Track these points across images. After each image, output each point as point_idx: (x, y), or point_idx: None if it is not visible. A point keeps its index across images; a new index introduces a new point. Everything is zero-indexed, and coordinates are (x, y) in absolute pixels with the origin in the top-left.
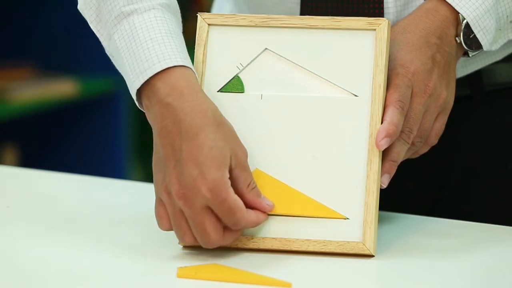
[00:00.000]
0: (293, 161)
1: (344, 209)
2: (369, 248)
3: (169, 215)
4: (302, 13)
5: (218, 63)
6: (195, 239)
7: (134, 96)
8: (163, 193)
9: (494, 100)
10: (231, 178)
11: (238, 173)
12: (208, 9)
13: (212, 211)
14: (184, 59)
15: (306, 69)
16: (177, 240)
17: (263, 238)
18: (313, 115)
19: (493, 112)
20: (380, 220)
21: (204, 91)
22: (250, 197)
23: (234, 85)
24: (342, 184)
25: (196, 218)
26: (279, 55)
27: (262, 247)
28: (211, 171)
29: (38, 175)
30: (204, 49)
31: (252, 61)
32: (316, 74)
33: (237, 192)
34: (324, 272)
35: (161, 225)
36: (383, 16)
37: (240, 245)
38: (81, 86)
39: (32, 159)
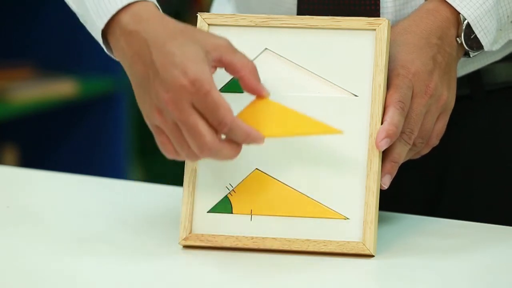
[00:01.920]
0: (293, 161)
1: (344, 209)
2: (369, 248)
3: (168, 135)
4: (299, 7)
5: None
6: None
7: (100, 41)
8: (155, 116)
9: (494, 99)
10: (227, 66)
11: (229, 58)
12: (208, 9)
13: (201, 115)
14: None
15: (306, 69)
16: (177, 240)
17: (263, 238)
18: (313, 115)
19: (493, 112)
20: (380, 220)
21: None
22: (249, 77)
23: (233, 86)
24: (342, 184)
25: (188, 120)
26: (279, 55)
27: (262, 247)
28: (190, 65)
29: (38, 175)
30: None
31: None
32: (316, 74)
33: (239, 75)
34: (324, 272)
35: (166, 152)
36: (379, 15)
37: (240, 245)
38: (81, 86)
39: (32, 159)
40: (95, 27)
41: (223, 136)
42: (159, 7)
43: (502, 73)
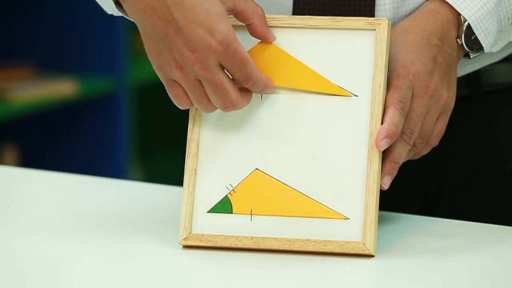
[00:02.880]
0: (293, 161)
1: (344, 209)
2: (369, 248)
3: (186, 91)
4: (295, 6)
5: None
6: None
7: (114, 5)
8: (175, 71)
9: (493, 100)
10: (238, 13)
11: (240, 6)
12: None
13: (225, 71)
14: None
15: (306, 65)
16: (177, 240)
17: (263, 238)
18: (313, 115)
19: (491, 112)
20: (380, 220)
21: None
22: (259, 23)
23: None
24: (342, 184)
25: (214, 78)
26: (279, 48)
27: (262, 247)
28: (215, 24)
29: (38, 175)
30: None
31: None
32: (316, 73)
33: (249, 21)
34: (324, 272)
35: (180, 104)
36: (374, 14)
37: (240, 245)
38: (81, 86)
39: (32, 159)
40: None
41: None
42: None
43: (501, 74)
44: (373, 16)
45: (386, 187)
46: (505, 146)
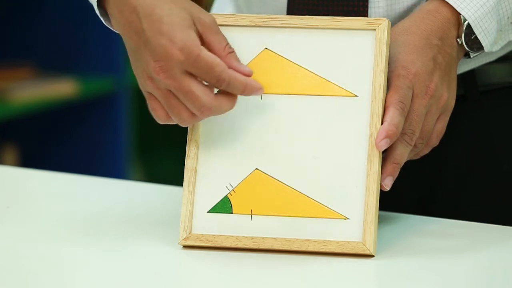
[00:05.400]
0: (293, 161)
1: (344, 209)
2: (369, 248)
3: (161, 104)
4: (289, 5)
5: None
6: (192, 113)
7: (98, 12)
8: (147, 82)
9: (488, 100)
10: (206, 44)
11: (209, 37)
12: (208, 10)
13: (195, 76)
14: None
15: (306, 69)
16: (177, 240)
17: (263, 238)
18: (313, 115)
19: (487, 112)
20: (380, 220)
21: None
22: (225, 60)
23: None
24: (342, 184)
25: (181, 86)
26: (279, 55)
27: (262, 247)
28: (176, 33)
29: (38, 175)
30: None
31: (251, 60)
32: (316, 74)
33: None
34: (324, 272)
35: (157, 117)
36: (367, 11)
37: (240, 245)
38: (81, 86)
39: (32, 159)
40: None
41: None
42: None
43: (496, 73)
44: (367, 14)
45: (387, 188)
46: (501, 146)
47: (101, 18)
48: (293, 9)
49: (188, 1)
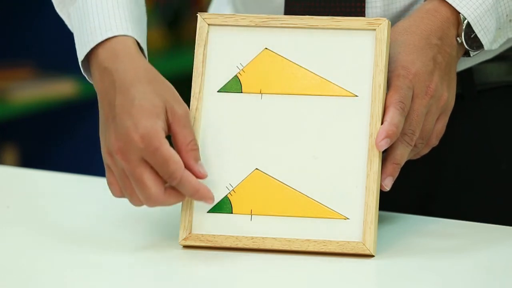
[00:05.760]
0: (293, 161)
1: (344, 209)
2: (369, 248)
3: (117, 179)
4: (287, 6)
5: (218, 63)
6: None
7: (82, 69)
8: (107, 156)
9: (485, 99)
10: (172, 135)
11: (176, 129)
12: (205, 10)
13: (151, 166)
14: (126, 29)
15: (306, 69)
16: (177, 240)
17: (263, 238)
18: (313, 115)
19: (484, 111)
20: (380, 220)
21: (204, 91)
22: (185, 156)
23: (232, 85)
24: (342, 184)
25: (135, 171)
26: (279, 55)
27: (262, 247)
28: (143, 120)
29: (38, 175)
30: (204, 49)
31: (251, 61)
32: (316, 74)
33: (177, 150)
34: (324, 272)
35: (113, 192)
36: (364, 12)
37: (240, 245)
38: (81, 86)
39: (32, 159)
40: (78, 55)
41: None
42: (140, 41)
43: (493, 72)
44: (364, 15)
45: (388, 188)
46: (499, 145)
47: (83, 72)
48: (290, 9)
49: (167, 86)
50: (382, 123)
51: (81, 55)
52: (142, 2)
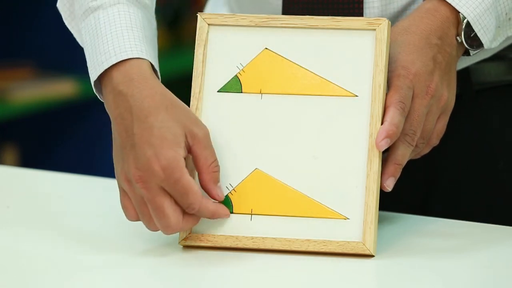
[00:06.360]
0: (293, 161)
1: (344, 209)
2: (369, 248)
3: (133, 204)
4: (284, 6)
5: (218, 63)
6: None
7: (94, 88)
8: (124, 182)
9: (483, 99)
10: (193, 156)
11: (197, 151)
12: (201, 10)
13: (170, 195)
14: (140, 51)
15: (306, 69)
16: (177, 240)
17: (263, 238)
18: (313, 115)
19: (482, 111)
20: (380, 220)
21: (204, 91)
22: (206, 178)
23: (232, 85)
24: (342, 184)
25: (154, 200)
26: (279, 55)
27: (262, 247)
28: (164, 150)
29: (38, 175)
30: (204, 49)
31: (251, 61)
32: (316, 74)
33: (198, 170)
34: (324, 272)
35: (128, 216)
36: (362, 12)
37: (240, 245)
38: (81, 86)
39: (32, 159)
40: (90, 75)
41: None
42: (153, 63)
43: (491, 72)
44: (362, 15)
45: (389, 188)
46: (497, 144)
47: (95, 91)
48: (288, 10)
49: (184, 110)
50: (382, 123)
51: (93, 75)
52: (154, 20)
